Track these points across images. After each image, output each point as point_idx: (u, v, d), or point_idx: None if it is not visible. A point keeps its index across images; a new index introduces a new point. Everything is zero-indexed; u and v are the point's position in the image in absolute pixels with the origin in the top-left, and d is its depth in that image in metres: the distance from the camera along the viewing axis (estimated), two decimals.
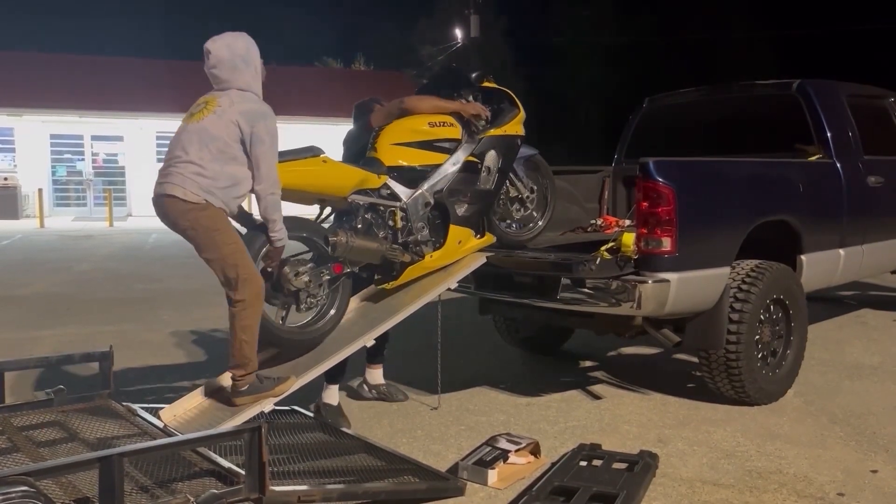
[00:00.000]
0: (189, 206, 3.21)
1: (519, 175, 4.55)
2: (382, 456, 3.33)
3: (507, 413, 4.22)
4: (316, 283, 3.69)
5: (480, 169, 4.16)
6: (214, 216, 3.24)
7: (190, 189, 3.21)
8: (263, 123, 3.27)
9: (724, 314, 4.05)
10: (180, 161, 3.24)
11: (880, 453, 3.55)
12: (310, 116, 23.67)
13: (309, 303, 3.70)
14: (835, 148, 5.05)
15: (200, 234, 3.25)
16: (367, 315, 4.00)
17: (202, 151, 3.22)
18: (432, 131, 4.05)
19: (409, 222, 3.97)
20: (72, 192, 22.99)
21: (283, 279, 3.60)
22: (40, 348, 5.77)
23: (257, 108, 3.31)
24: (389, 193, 3.94)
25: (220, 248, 3.24)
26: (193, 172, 3.21)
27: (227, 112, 3.25)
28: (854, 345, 5.68)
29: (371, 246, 3.81)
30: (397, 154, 3.99)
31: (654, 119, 6.22)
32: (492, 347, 5.73)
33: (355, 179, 3.77)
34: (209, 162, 3.22)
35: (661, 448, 3.60)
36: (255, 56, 3.41)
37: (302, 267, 3.66)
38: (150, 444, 2.71)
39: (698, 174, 4.22)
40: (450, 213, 4.07)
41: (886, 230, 5.50)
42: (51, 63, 24.15)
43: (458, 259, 4.17)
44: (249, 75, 3.38)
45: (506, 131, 4.26)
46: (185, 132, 3.30)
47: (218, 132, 3.23)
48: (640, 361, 5.44)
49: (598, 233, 5.16)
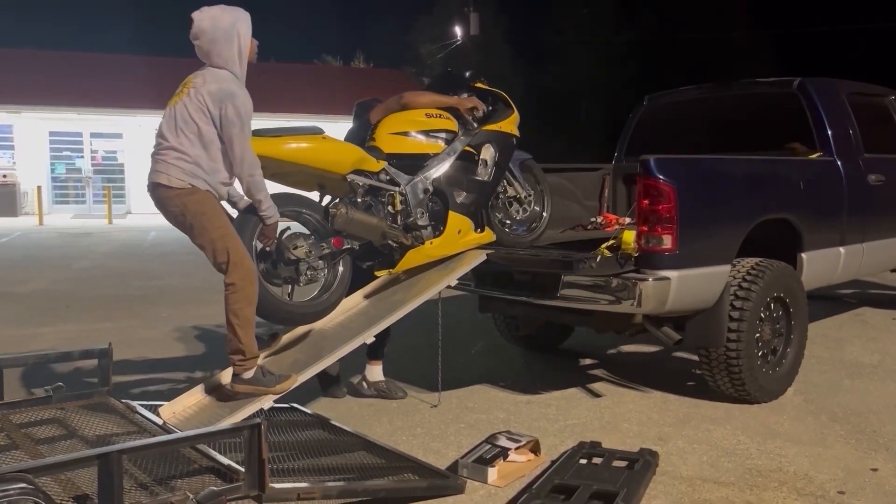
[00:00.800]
0: (175, 191, 3.20)
1: (516, 176, 4.60)
2: (382, 454, 3.33)
3: (507, 411, 4.21)
4: (316, 256, 3.71)
5: (478, 161, 4.23)
6: (201, 200, 3.22)
7: (174, 175, 3.20)
8: (231, 104, 3.18)
9: (725, 312, 4.05)
10: (163, 147, 3.24)
11: (880, 451, 3.55)
12: (309, 114, 23.64)
13: (310, 275, 3.72)
14: (835, 146, 5.04)
15: (190, 219, 3.24)
16: (368, 312, 4.00)
17: (180, 136, 3.21)
18: (429, 122, 4.13)
19: (409, 207, 4.02)
20: (71, 190, 22.98)
21: (282, 250, 3.62)
22: (39, 345, 5.76)
23: (225, 88, 3.21)
24: (389, 179, 3.99)
25: (209, 231, 3.22)
26: (176, 158, 3.20)
27: (198, 93, 3.21)
28: (854, 343, 5.68)
29: (371, 221, 3.83)
30: (395, 142, 4.07)
31: (654, 117, 6.21)
32: (492, 345, 5.73)
33: (354, 156, 3.81)
34: (189, 147, 3.20)
35: (661, 446, 3.59)
36: (241, 32, 3.31)
37: (300, 240, 3.69)
38: (150, 441, 2.71)
39: (699, 172, 4.21)
40: (448, 200, 4.12)
41: (887, 228, 5.50)
42: (50, 60, 24.13)
43: (459, 252, 4.18)
44: (229, 51, 3.29)
45: (501, 128, 4.33)
46: (165, 117, 3.29)
47: (193, 116, 3.20)
48: (641, 359, 5.43)
49: (598, 230, 5.16)
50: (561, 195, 5.47)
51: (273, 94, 23.93)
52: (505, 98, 4.48)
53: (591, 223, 5.38)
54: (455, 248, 4.17)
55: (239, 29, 3.31)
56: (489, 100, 4.41)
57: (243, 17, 3.36)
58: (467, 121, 4.24)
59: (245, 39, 3.33)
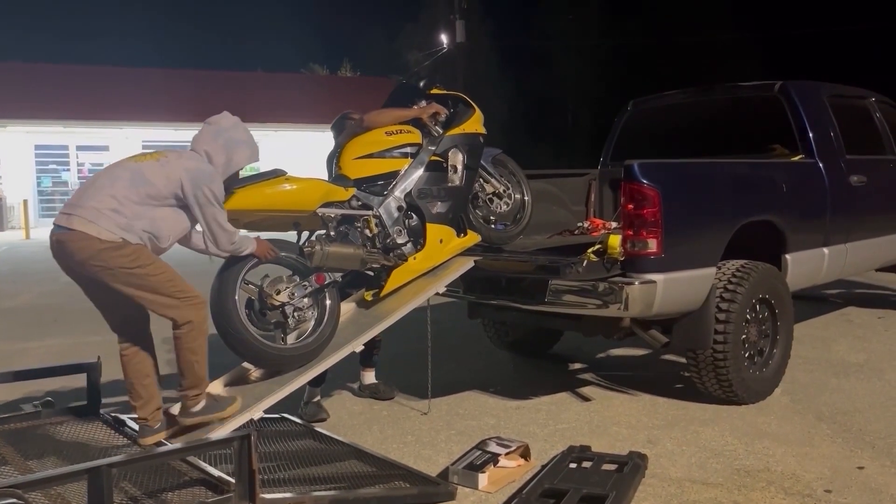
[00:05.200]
0: (105, 245, 2.97)
1: (491, 172, 4.59)
2: (373, 462, 3.34)
3: (497, 417, 4.23)
4: (300, 296, 3.65)
5: (446, 167, 4.20)
6: (135, 252, 3.03)
7: (104, 226, 2.97)
8: (209, 187, 3.14)
9: (711, 314, 4.08)
10: (101, 193, 3.03)
11: (866, 450, 3.59)
12: (297, 123, 23.66)
13: (297, 317, 3.66)
14: (817, 148, 5.10)
15: (120, 275, 3.02)
16: (357, 321, 4.00)
17: (128, 190, 3.04)
18: (390, 139, 4.11)
19: (385, 228, 4.01)
20: (57, 203, 22.78)
21: (264, 298, 3.56)
22: (27, 360, 5.74)
23: (204, 168, 3.19)
24: (360, 204, 3.98)
25: (149, 280, 3.06)
26: (110, 208, 3.00)
27: (171, 164, 3.13)
28: (840, 343, 5.72)
29: (348, 251, 3.79)
30: (360, 167, 4.04)
31: (639, 121, 6.26)
32: (481, 351, 5.74)
33: (320, 192, 3.77)
34: (131, 203, 3.03)
35: (650, 449, 3.61)
36: (239, 156, 3.31)
37: (281, 283, 3.63)
38: (139, 455, 2.71)
39: (683, 176, 4.25)
40: (424, 213, 4.11)
41: (869, 228, 5.56)
42: (34, 73, 24.02)
43: (446, 260, 4.18)
44: (218, 155, 3.26)
45: (465, 130, 4.30)
46: (118, 167, 3.15)
47: (154, 179, 3.08)
48: (629, 363, 5.46)
49: (584, 235, 5.18)
50: (548, 200, 5.50)
51: (260, 105, 23.94)
52: (464, 99, 4.46)
53: (578, 228, 5.41)
54: (440, 258, 4.17)
55: (240, 150, 3.32)
56: (449, 103, 4.40)
57: (251, 147, 3.39)
58: (432, 128, 4.22)
59: (236, 162, 3.32)
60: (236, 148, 3.31)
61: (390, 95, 4.46)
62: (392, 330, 3.92)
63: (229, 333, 3.47)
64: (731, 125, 5.74)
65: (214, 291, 3.47)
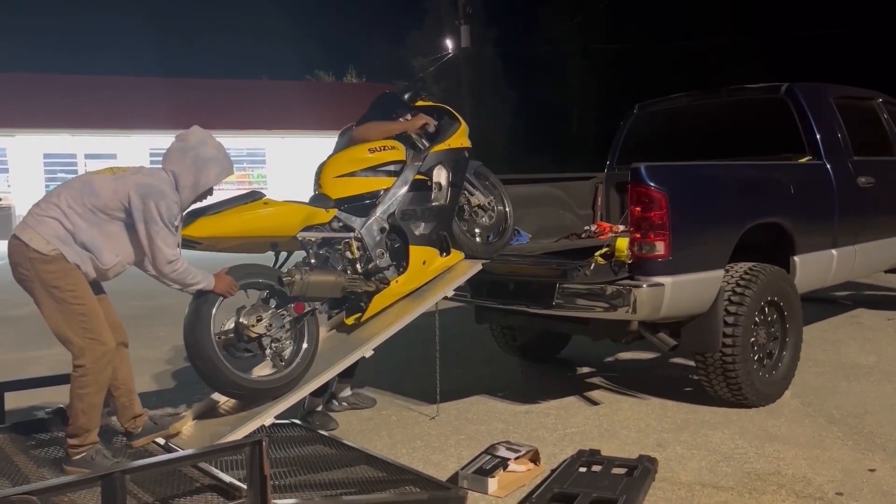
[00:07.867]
0: (34, 254, 2.88)
1: (475, 185, 4.49)
2: (383, 467, 3.34)
3: (506, 421, 4.23)
4: (278, 326, 3.52)
5: (431, 186, 4.11)
6: (62, 272, 2.91)
7: (42, 233, 2.89)
8: (156, 203, 2.99)
9: (720, 317, 4.08)
10: (47, 201, 2.98)
11: (878, 452, 3.57)
12: (302, 130, 23.70)
13: (275, 348, 3.53)
14: (824, 149, 5.09)
15: (39, 290, 2.92)
16: (345, 340, 3.95)
17: (73, 200, 2.96)
18: (374, 157, 3.99)
19: (367, 251, 3.90)
20: None
21: (241, 331, 3.43)
22: (37, 368, 5.75)
23: (157, 185, 3.04)
24: (342, 226, 3.88)
25: (65, 305, 2.92)
26: (51, 216, 2.92)
27: (125, 178, 3.04)
28: (850, 345, 5.70)
29: (328, 279, 3.68)
30: (341, 186, 3.92)
31: (645, 125, 6.26)
32: (489, 356, 5.74)
33: (300, 216, 3.67)
34: (74, 213, 2.94)
35: (659, 452, 3.61)
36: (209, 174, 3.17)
37: (259, 313, 3.49)
38: (152, 461, 2.72)
39: (690, 178, 4.25)
40: (407, 235, 4.01)
41: (878, 230, 5.54)
42: (43, 83, 24.17)
43: (428, 280, 4.08)
44: (186, 175, 3.13)
45: (450, 145, 4.21)
46: (77, 178, 3.10)
47: (100, 191, 2.99)
48: (638, 366, 5.45)
49: (592, 239, 5.18)
50: (555, 205, 5.51)
51: (266, 112, 24.02)
52: (449, 111, 4.38)
53: (585, 232, 5.41)
54: (423, 279, 4.07)
55: (209, 168, 3.18)
56: (434, 116, 4.31)
57: (220, 165, 3.22)
58: (418, 142, 4.13)
59: (205, 182, 3.18)
60: (205, 166, 3.16)
61: (371, 106, 4.30)
62: (399, 336, 3.91)
63: (202, 364, 3.33)
64: (738, 128, 5.73)
65: (187, 320, 3.33)
